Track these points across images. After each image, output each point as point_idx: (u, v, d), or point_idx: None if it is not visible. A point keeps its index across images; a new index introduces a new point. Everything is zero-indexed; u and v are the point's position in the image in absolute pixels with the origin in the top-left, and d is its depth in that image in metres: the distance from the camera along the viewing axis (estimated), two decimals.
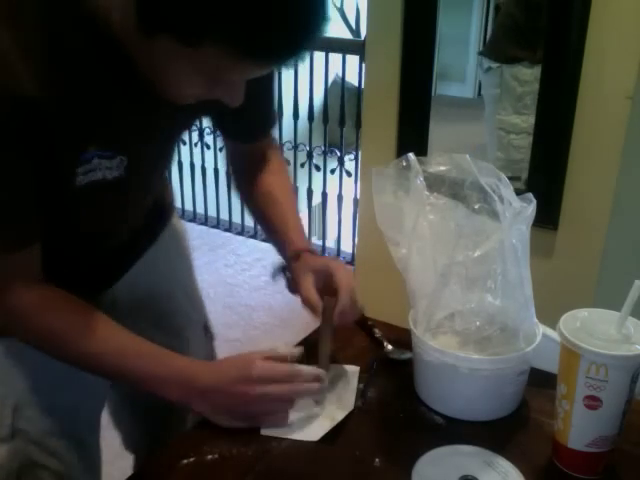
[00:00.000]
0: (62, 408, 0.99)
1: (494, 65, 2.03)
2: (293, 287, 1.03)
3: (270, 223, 1.09)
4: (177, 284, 1.21)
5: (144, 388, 0.88)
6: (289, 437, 0.89)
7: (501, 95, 2.03)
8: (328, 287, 0.98)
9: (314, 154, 3.44)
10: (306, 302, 0.98)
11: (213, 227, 3.88)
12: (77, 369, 0.89)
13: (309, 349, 1.07)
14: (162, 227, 1.16)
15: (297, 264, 1.01)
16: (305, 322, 1.19)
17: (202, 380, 0.87)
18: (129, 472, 0.89)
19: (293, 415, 0.93)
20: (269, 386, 0.86)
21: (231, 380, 0.87)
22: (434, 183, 0.93)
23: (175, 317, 1.18)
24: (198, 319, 1.25)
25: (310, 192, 3.48)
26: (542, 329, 0.95)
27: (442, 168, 0.92)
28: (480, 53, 2.13)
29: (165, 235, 1.15)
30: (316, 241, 3.65)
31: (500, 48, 2.05)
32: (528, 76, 1.93)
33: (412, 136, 2.00)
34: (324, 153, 3.43)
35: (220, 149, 3.59)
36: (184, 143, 3.61)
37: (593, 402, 0.79)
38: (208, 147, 3.75)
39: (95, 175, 0.81)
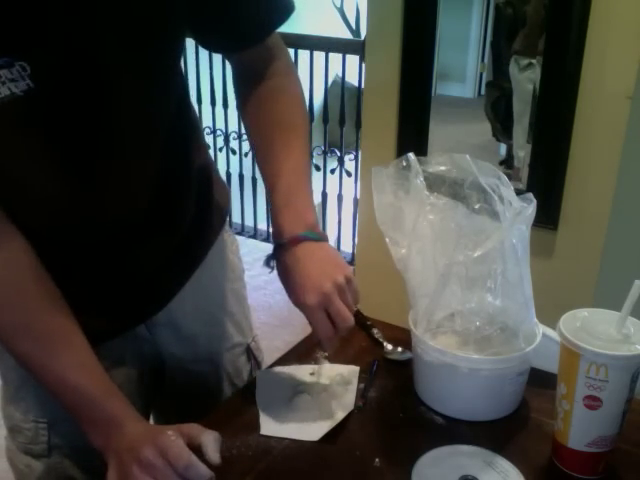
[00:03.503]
0: None
1: (534, 60, 2.00)
2: (284, 277, 0.89)
3: (269, 193, 0.92)
4: (222, 307, 1.09)
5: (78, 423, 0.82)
6: (289, 437, 0.89)
7: None
8: None
9: (314, 154, 3.44)
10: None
11: None
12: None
13: (307, 350, 1.07)
14: (213, 237, 1.02)
15: (291, 254, 0.87)
16: (305, 322, 1.19)
17: (126, 437, 0.78)
18: None
19: (293, 415, 0.93)
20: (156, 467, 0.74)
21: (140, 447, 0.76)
22: (434, 183, 0.93)
23: (211, 341, 1.08)
24: (241, 342, 1.13)
25: None
26: (542, 329, 0.95)
27: (442, 168, 0.92)
28: (515, 53, 2.08)
29: (216, 247, 1.03)
30: None
31: (536, 43, 1.98)
32: None
33: (412, 136, 2.00)
34: (324, 153, 3.43)
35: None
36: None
37: (593, 402, 0.79)
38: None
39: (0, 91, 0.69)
